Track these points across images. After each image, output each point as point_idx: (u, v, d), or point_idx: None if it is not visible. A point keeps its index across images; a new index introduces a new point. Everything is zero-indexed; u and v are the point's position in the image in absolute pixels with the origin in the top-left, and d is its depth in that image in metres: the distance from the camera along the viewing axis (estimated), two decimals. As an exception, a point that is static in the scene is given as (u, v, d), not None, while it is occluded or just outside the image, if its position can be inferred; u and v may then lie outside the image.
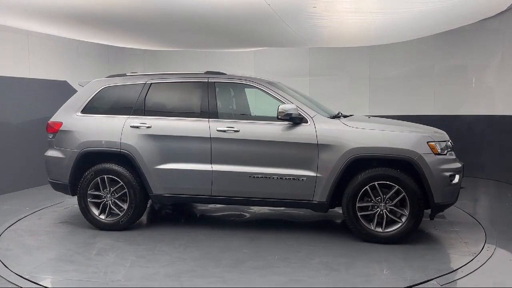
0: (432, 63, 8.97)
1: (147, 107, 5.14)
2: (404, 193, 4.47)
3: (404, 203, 4.51)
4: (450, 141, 4.87)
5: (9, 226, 5.30)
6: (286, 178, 4.71)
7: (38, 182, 7.42)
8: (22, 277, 3.76)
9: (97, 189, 5.07)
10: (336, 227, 5.44)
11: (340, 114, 5.18)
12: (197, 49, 9.59)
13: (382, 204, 4.54)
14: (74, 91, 8.09)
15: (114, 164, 5.04)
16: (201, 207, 6.31)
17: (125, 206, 5.02)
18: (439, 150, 4.56)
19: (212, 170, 4.85)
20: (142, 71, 9.26)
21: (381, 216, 4.55)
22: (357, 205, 4.57)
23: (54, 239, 4.90)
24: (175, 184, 4.98)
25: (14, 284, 3.64)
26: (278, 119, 4.69)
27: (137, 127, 5.01)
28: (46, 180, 5.58)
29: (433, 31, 7.65)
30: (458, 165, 4.70)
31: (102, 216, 5.08)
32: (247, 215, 5.92)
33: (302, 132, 4.69)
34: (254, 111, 6.03)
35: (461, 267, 3.91)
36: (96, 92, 5.29)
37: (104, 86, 5.31)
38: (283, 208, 6.10)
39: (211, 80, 5.10)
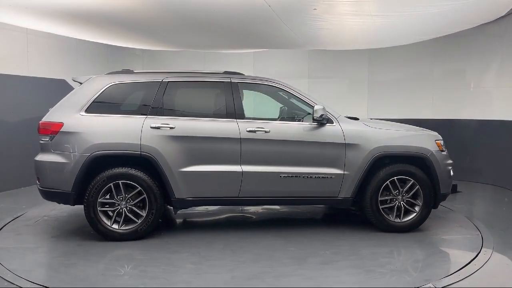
0: (431, 67, 9.00)
1: (166, 106, 4.84)
2: (418, 186, 4.98)
3: (417, 195, 5.01)
4: None
5: (5, 225, 5.27)
6: (315, 177, 4.89)
7: (35, 181, 7.38)
8: (19, 276, 3.74)
9: (109, 196, 4.61)
10: (334, 221, 5.44)
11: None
12: (196, 50, 9.59)
13: (400, 197, 4.99)
14: (72, 89, 8.09)
15: (131, 168, 4.61)
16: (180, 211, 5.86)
17: (143, 213, 4.62)
18: (443, 148, 5.21)
19: (242, 171, 4.78)
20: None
21: (398, 208, 5.01)
22: (379, 199, 4.95)
23: (53, 238, 4.86)
24: (201, 187, 4.76)
25: (12, 283, 3.61)
26: (314, 119, 4.88)
27: (158, 128, 4.67)
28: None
29: (432, 35, 7.68)
30: (451, 160, 5.34)
31: (115, 226, 4.60)
32: (233, 215, 5.92)
33: (331, 132, 4.94)
34: (261, 113, 5.97)
35: (458, 270, 3.91)
36: (101, 90, 4.77)
37: (111, 84, 4.82)
38: (276, 206, 6.11)
39: (234, 80, 4.99)
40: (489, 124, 8.23)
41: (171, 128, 4.69)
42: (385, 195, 5.00)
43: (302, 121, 5.06)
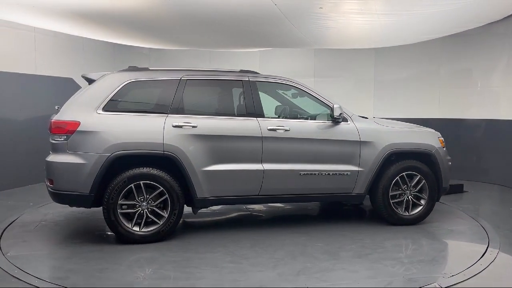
0: (438, 66, 8.95)
1: (186, 105, 4.75)
2: (424, 181, 5.26)
3: (423, 189, 5.29)
4: None
5: (13, 221, 5.32)
6: (332, 174, 5.02)
7: (42, 178, 7.44)
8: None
9: (130, 197, 4.45)
10: (336, 216, 5.46)
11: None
12: (202, 49, 9.62)
13: (408, 191, 5.25)
14: (80, 88, 8.14)
15: (153, 168, 4.49)
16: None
17: (165, 214, 4.51)
18: (444, 144, 5.53)
19: (264, 170, 4.79)
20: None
21: (406, 202, 5.26)
22: (390, 193, 5.17)
23: (61, 234, 4.90)
24: (223, 186, 4.73)
25: (25, 281, 3.65)
26: (334, 118, 5.00)
27: (181, 126, 4.58)
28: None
29: (439, 34, 7.64)
30: (450, 157, 5.65)
31: (136, 228, 4.46)
32: (241, 213, 5.93)
33: (347, 131, 5.09)
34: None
35: (464, 270, 3.90)
36: (118, 88, 4.59)
37: (128, 81, 4.64)
38: (279, 204, 6.13)
39: (251, 78, 5.00)
40: (496, 124, 8.18)
41: (193, 126, 4.61)
42: (395, 190, 5.22)
43: (314, 120, 5.15)
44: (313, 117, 5.24)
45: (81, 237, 4.78)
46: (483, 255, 4.29)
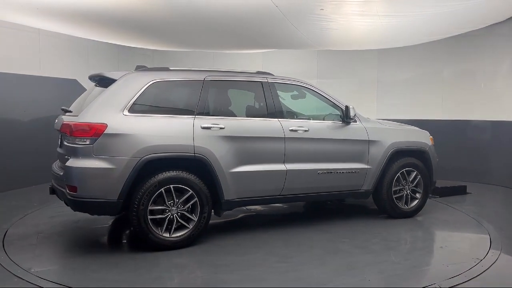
0: (441, 68, 8.93)
1: (211, 106, 4.70)
2: (420, 176, 5.66)
3: (419, 184, 5.70)
4: None
5: (16, 221, 5.35)
6: (345, 172, 5.23)
7: (47, 179, 7.48)
8: (27, 271, 3.78)
9: (158, 202, 4.25)
10: (335, 212, 5.49)
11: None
12: (205, 50, 9.65)
13: (407, 186, 5.62)
14: (84, 89, 8.19)
15: (182, 171, 4.35)
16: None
17: (194, 218, 4.39)
18: (433, 142, 5.97)
19: (287, 170, 4.86)
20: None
21: (405, 196, 5.64)
22: (392, 189, 5.49)
23: (65, 236, 4.92)
24: (249, 187, 4.70)
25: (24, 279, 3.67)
26: (349, 118, 5.25)
27: (209, 128, 4.48)
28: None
29: (442, 35, 7.63)
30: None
31: (166, 234, 4.28)
32: (240, 215, 5.94)
33: (357, 130, 5.36)
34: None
35: (465, 271, 3.88)
36: (143, 88, 4.37)
37: (153, 81, 4.44)
38: (278, 204, 6.13)
39: (270, 80, 5.05)
40: (499, 125, 8.15)
41: (220, 128, 4.54)
42: (396, 186, 5.55)
43: (323, 120, 5.33)
44: (312, 118, 5.35)
45: (104, 246, 4.75)
46: (484, 256, 4.27)
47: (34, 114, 7.53)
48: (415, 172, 5.64)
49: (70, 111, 4.52)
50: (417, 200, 5.71)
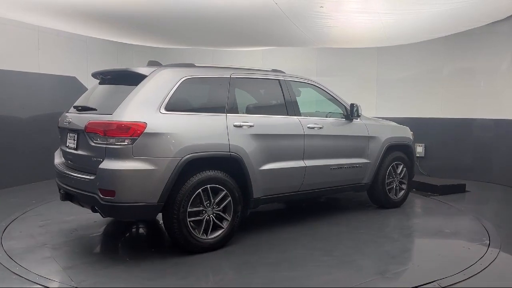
0: (441, 66, 8.92)
1: (238, 103, 4.65)
2: (405, 169, 6.20)
3: (404, 176, 6.21)
4: None
5: (15, 219, 5.35)
6: (351, 166, 5.54)
7: (45, 176, 7.50)
8: (27, 270, 3.79)
9: (194, 204, 4.08)
10: (332, 207, 5.52)
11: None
12: (205, 47, 9.63)
13: (396, 178, 6.11)
14: (83, 86, 8.19)
15: (218, 171, 4.24)
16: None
17: (228, 217, 4.29)
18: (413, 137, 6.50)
19: (306, 166, 4.99)
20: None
21: (395, 188, 6.09)
22: (386, 181, 5.92)
23: (62, 233, 4.92)
24: (273, 184, 4.71)
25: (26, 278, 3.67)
26: (358, 116, 5.61)
27: (240, 126, 4.44)
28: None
29: (441, 33, 7.62)
30: None
31: (204, 236, 4.14)
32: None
33: (361, 127, 5.71)
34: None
35: (464, 270, 3.89)
36: (177, 85, 4.20)
37: (185, 78, 4.29)
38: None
39: (286, 78, 5.17)
40: (498, 123, 8.15)
41: (250, 126, 4.50)
42: (388, 178, 5.98)
43: (327, 117, 5.56)
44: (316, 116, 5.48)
45: (105, 244, 4.73)
46: (483, 255, 4.28)
47: (33, 111, 7.51)
48: (402, 165, 6.14)
49: (94, 109, 4.20)
50: (403, 191, 6.20)
